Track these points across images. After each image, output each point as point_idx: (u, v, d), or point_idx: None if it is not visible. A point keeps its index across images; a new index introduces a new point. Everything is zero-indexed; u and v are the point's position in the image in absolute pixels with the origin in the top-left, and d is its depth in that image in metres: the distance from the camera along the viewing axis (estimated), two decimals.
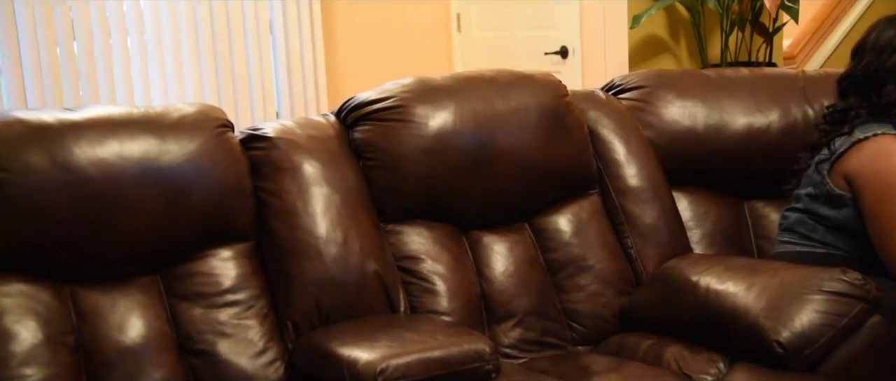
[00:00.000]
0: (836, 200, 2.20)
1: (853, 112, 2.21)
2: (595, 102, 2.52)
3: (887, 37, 2.18)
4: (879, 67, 2.17)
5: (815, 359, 1.92)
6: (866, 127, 2.18)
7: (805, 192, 2.27)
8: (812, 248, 2.24)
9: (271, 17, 4.26)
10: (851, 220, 2.18)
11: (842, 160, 2.18)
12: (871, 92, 2.19)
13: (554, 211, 2.38)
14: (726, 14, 3.75)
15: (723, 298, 2.04)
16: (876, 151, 2.14)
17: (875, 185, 2.12)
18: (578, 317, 2.30)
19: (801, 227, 2.27)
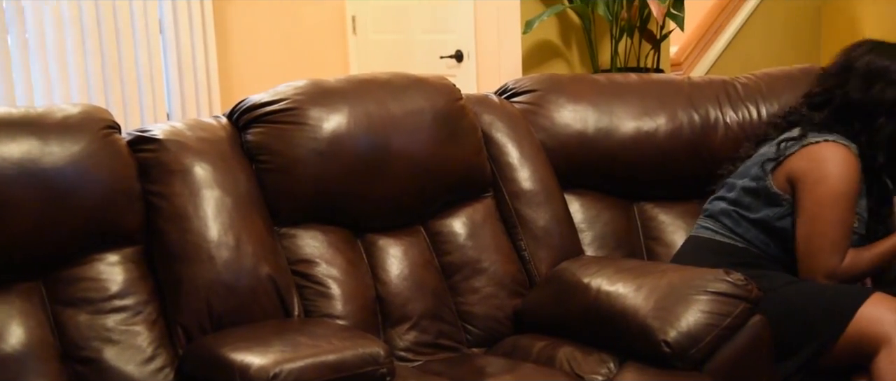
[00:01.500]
0: (772, 198, 2.25)
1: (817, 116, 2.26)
2: (489, 105, 2.54)
3: (881, 67, 2.20)
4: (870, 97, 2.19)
5: (701, 358, 1.97)
6: (818, 134, 2.23)
7: (741, 183, 2.31)
8: (733, 241, 2.30)
9: (161, 16, 4.16)
10: (778, 220, 2.25)
11: (789, 160, 2.24)
12: (855, 119, 2.21)
13: (449, 214, 2.39)
14: (616, 21, 3.83)
15: (613, 299, 2.08)
16: (824, 156, 2.20)
17: (816, 188, 2.18)
18: (473, 319, 2.31)
19: (725, 218, 2.32)
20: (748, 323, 2.01)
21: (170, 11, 4.16)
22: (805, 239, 2.20)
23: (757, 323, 2.02)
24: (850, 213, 2.18)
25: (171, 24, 4.17)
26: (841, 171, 2.17)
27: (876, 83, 2.19)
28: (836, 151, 2.18)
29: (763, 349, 2.05)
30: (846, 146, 2.19)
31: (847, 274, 2.20)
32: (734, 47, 4.50)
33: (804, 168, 2.20)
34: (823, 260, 2.18)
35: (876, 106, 2.18)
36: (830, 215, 2.17)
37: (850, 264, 2.19)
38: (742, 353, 2.01)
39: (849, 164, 2.17)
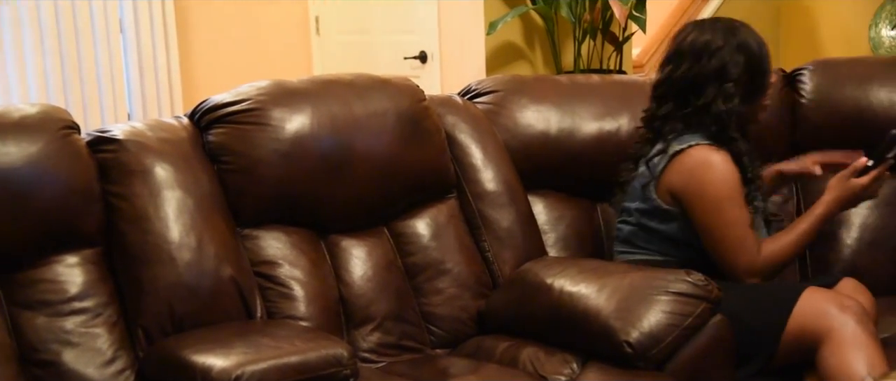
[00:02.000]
0: (664, 214, 2.27)
1: (668, 126, 2.27)
2: (452, 106, 2.54)
3: (703, 42, 2.23)
4: (699, 71, 2.22)
5: (662, 358, 1.99)
6: (681, 139, 2.24)
7: (634, 206, 2.33)
8: (650, 256, 2.31)
9: (122, 15, 4.12)
10: (681, 232, 2.26)
11: (664, 176, 2.25)
12: (690, 95, 2.24)
13: (412, 215, 2.39)
14: (578, 23, 3.85)
15: (576, 299, 2.09)
16: (694, 164, 2.21)
17: (700, 200, 2.20)
18: (436, 320, 2.31)
19: (636, 238, 2.33)
20: (709, 323, 2.03)
21: (130, 11, 4.12)
22: (712, 249, 2.22)
23: (717, 323, 2.04)
24: (741, 208, 2.19)
25: (132, 23, 4.13)
26: (715, 175, 2.18)
27: (701, 58, 2.21)
28: (703, 157, 2.20)
29: (723, 349, 2.07)
30: (709, 145, 2.21)
31: (769, 264, 2.21)
32: None
33: (680, 183, 2.22)
34: (737, 260, 2.19)
35: (705, 78, 2.21)
36: (722, 218, 2.18)
37: (770, 253, 2.20)
38: (703, 353, 2.02)
39: (720, 162, 2.19)
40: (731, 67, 2.20)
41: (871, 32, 3.96)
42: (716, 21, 2.31)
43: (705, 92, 2.22)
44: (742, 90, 2.23)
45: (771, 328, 2.10)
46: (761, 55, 2.24)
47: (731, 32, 2.24)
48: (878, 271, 2.56)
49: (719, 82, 2.21)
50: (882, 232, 2.59)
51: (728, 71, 2.20)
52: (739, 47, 2.21)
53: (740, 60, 2.21)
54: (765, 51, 2.26)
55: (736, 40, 2.22)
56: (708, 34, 2.24)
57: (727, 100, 2.21)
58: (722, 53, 2.21)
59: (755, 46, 2.23)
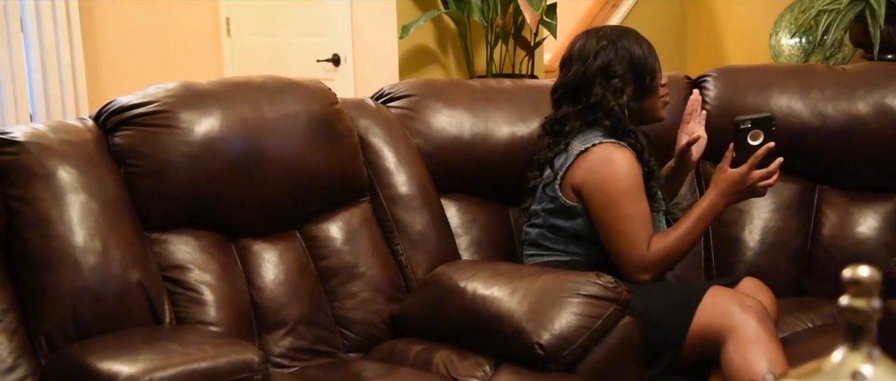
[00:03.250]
0: (569, 211, 2.31)
1: (568, 125, 2.33)
2: (365, 110, 2.54)
3: (589, 46, 2.33)
4: (586, 71, 2.31)
5: (573, 359, 2.01)
6: (582, 138, 2.30)
7: (541, 207, 2.37)
8: (557, 256, 2.35)
9: (23, 14, 4.00)
10: (585, 228, 2.31)
11: (568, 174, 2.30)
12: (582, 94, 2.32)
13: (325, 218, 2.37)
14: (491, 27, 3.87)
15: (488, 302, 2.10)
16: (596, 160, 2.26)
17: (600, 193, 2.25)
18: (350, 324, 2.30)
19: (543, 240, 2.37)
20: (618, 325, 2.06)
21: (32, 9, 4.00)
22: (607, 242, 2.27)
23: (626, 325, 2.07)
24: (639, 205, 2.24)
25: (34, 22, 4.01)
26: (616, 170, 2.24)
27: (587, 59, 2.31)
28: (606, 153, 2.26)
29: (632, 350, 2.10)
30: (611, 142, 2.27)
31: (658, 260, 2.25)
32: None
33: (581, 177, 2.28)
34: (628, 255, 2.24)
35: (592, 77, 2.30)
36: (619, 212, 2.23)
37: (659, 249, 2.24)
38: (613, 354, 2.05)
39: (621, 159, 2.24)
40: (614, 64, 2.29)
41: (772, 41, 4.08)
42: (604, 28, 2.42)
43: (594, 90, 2.30)
44: (631, 87, 2.31)
45: (676, 327, 2.14)
46: (645, 55, 2.33)
47: (616, 36, 2.34)
48: (779, 273, 2.63)
49: (606, 79, 2.29)
50: (782, 235, 2.66)
51: (612, 68, 2.29)
52: (622, 48, 2.31)
53: (624, 58, 2.30)
54: (650, 52, 2.35)
55: (620, 43, 2.32)
56: (594, 39, 2.34)
57: (617, 95, 2.29)
58: (605, 52, 2.30)
59: (637, 45, 2.33)
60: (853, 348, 0.73)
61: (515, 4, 3.82)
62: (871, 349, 0.72)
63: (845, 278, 0.72)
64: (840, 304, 0.72)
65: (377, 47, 4.03)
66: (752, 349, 2.05)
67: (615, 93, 2.29)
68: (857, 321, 0.72)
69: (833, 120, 2.63)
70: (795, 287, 2.65)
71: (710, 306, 2.13)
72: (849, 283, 0.72)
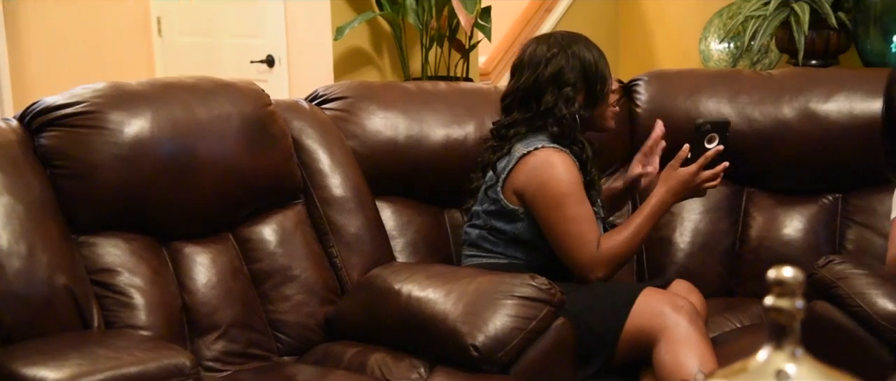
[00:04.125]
0: (510, 215, 2.32)
1: (513, 130, 2.35)
2: (299, 111, 2.52)
3: (540, 53, 2.34)
4: (537, 78, 2.32)
5: (508, 360, 2.02)
6: (526, 142, 2.32)
7: (483, 208, 2.37)
8: (496, 259, 2.35)
9: None
10: (526, 232, 2.32)
11: (509, 177, 2.31)
12: (532, 102, 2.33)
13: (258, 221, 2.35)
14: (425, 30, 3.88)
15: (424, 304, 2.10)
16: (538, 163, 2.28)
17: (543, 197, 2.27)
18: (284, 327, 2.29)
19: (483, 242, 2.38)
20: (552, 326, 2.08)
21: None
22: (556, 246, 2.29)
23: (560, 326, 2.09)
24: (583, 205, 2.26)
25: None
26: (556, 173, 2.26)
27: (539, 66, 2.33)
28: (546, 157, 2.28)
29: (565, 351, 2.12)
30: (553, 147, 2.29)
31: (610, 257, 2.27)
32: None
33: (523, 181, 2.29)
34: (579, 256, 2.26)
35: (544, 84, 2.31)
36: (564, 215, 2.25)
37: (608, 248, 2.26)
38: (546, 355, 2.07)
39: (562, 163, 2.27)
40: (566, 71, 2.30)
41: (702, 46, 4.15)
42: (554, 34, 2.42)
43: (545, 97, 2.31)
44: (582, 95, 2.33)
45: (610, 328, 2.17)
46: (597, 62, 2.34)
47: (567, 43, 2.35)
48: (708, 274, 2.68)
49: (557, 87, 2.30)
50: (712, 237, 2.71)
51: (564, 76, 2.30)
52: (574, 54, 2.32)
53: (576, 65, 2.31)
54: (601, 58, 2.36)
55: (571, 50, 2.33)
56: (544, 46, 2.35)
57: (568, 103, 2.30)
58: (557, 59, 2.31)
59: (590, 55, 2.34)
60: (778, 347, 0.74)
61: (450, 7, 3.83)
62: (794, 349, 0.74)
63: (770, 278, 0.74)
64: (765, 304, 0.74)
65: (312, 49, 4.00)
66: (683, 349, 2.09)
67: (567, 101, 2.30)
68: (781, 321, 0.74)
69: (760, 124, 2.69)
70: (724, 288, 2.70)
71: (643, 307, 2.16)
72: (773, 284, 0.73)
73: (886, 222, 2.57)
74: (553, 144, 2.30)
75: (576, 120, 2.31)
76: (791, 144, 2.66)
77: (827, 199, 2.70)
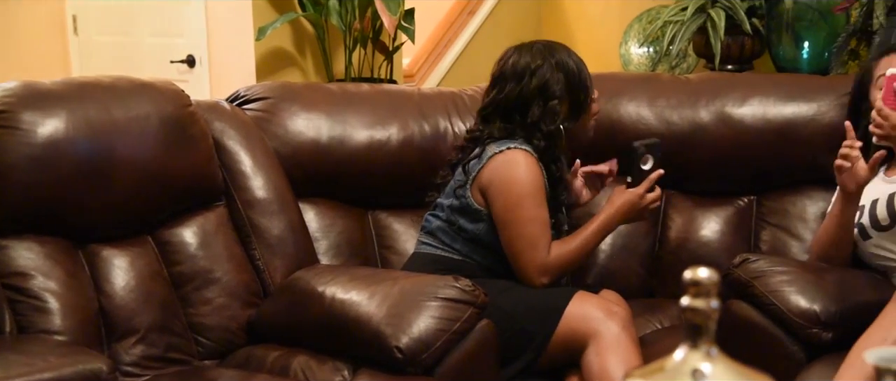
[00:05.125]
0: (474, 213, 2.34)
1: (487, 132, 2.35)
2: (220, 112, 2.49)
3: (524, 63, 2.33)
4: (522, 91, 2.32)
5: (432, 362, 2.02)
6: (500, 143, 2.33)
7: (447, 202, 2.38)
8: (451, 254, 2.37)
9: None
10: (486, 234, 2.33)
11: (477, 177, 2.32)
12: (516, 114, 2.34)
13: (179, 223, 2.32)
14: (349, 31, 3.86)
15: (347, 307, 2.10)
16: (504, 161, 2.29)
17: (504, 194, 2.29)
18: (205, 331, 2.26)
19: (441, 234, 2.39)
20: (476, 327, 2.09)
21: None
22: (508, 245, 2.31)
23: (484, 327, 2.10)
24: (541, 209, 2.29)
25: None
26: (520, 172, 2.28)
27: (523, 78, 2.33)
28: (513, 156, 2.30)
29: (489, 352, 2.14)
30: (523, 150, 2.30)
31: (557, 265, 2.31)
32: (463, 60, 4.67)
33: (489, 179, 2.31)
34: (528, 259, 2.28)
35: (528, 97, 2.32)
36: (521, 215, 2.27)
37: (557, 255, 2.30)
38: (470, 356, 2.08)
39: (527, 165, 2.29)
40: (552, 84, 2.31)
41: (622, 50, 4.22)
42: (534, 44, 2.40)
43: (531, 111, 2.31)
44: (567, 108, 2.34)
45: (542, 329, 2.19)
46: (580, 72, 2.36)
47: (550, 52, 2.35)
48: (629, 275, 2.72)
49: (543, 100, 2.31)
50: (632, 239, 2.74)
51: (550, 88, 2.31)
52: (558, 65, 2.33)
53: (561, 78, 2.32)
54: (583, 68, 2.38)
55: (554, 59, 2.33)
56: (527, 56, 2.34)
57: (553, 118, 2.31)
58: (542, 71, 2.32)
59: (573, 64, 2.35)
60: (693, 346, 0.76)
61: (373, 9, 3.82)
62: (710, 348, 0.76)
63: (685, 279, 0.75)
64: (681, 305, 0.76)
65: (233, 49, 3.96)
66: (612, 354, 2.12)
67: (553, 116, 2.31)
68: (697, 321, 0.75)
69: (678, 127, 2.74)
70: (645, 289, 2.74)
71: (576, 311, 2.18)
72: (689, 284, 0.75)
73: (799, 223, 2.64)
74: (525, 145, 2.31)
75: (561, 133, 2.33)
76: (708, 147, 2.71)
77: (742, 201, 2.76)
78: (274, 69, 3.94)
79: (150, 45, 4.24)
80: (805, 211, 2.65)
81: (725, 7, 3.60)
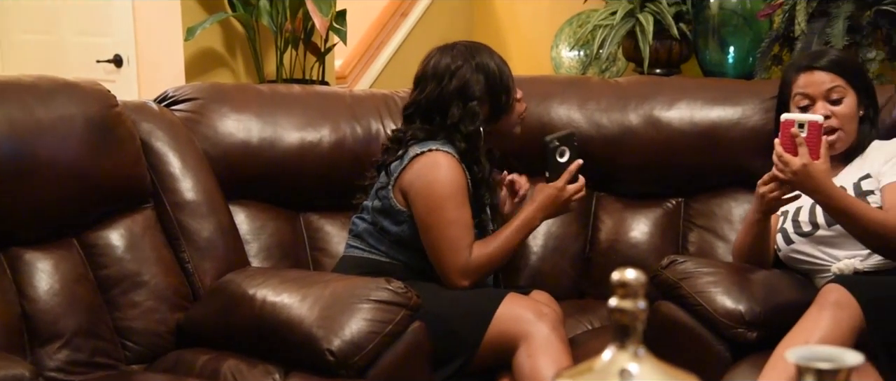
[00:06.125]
0: (397, 215, 2.33)
1: (410, 133, 2.35)
2: (147, 113, 2.46)
3: (444, 65, 2.33)
4: (441, 92, 2.32)
5: (364, 365, 2.01)
6: (422, 144, 2.32)
7: (372, 204, 2.38)
8: (378, 257, 2.36)
9: None
10: (410, 235, 2.33)
11: (400, 177, 2.32)
12: (437, 115, 2.34)
13: (105, 226, 2.28)
14: (280, 32, 3.84)
15: (279, 310, 2.08)
16: (425, 163, 2.29)
17: (424, 197, 2.28)
18: (132, 335, 2.22)
19: (368, 236, 2.38)
20: (408, 330, 2.08)
21: None
22: (430, 246, 2.31)
23: (416, 330, 2.10)
24: (462, 210, 2.29)
25: None
26: (441, 174, 2.28)
27: (444, 80, 2.34)
28: (434, 158, 2.29)
29: (421, 354, 2.14)
30: (445, 151, 2.30)
31: (478, 266, 2.30)
32: (396, 62, 4.67)
33: (410, 181, 2.31)
34: (450, 260, 2.28)
35: (449, 98, 2.33)
36: (443, 217, 2.27)
37: (479, 256, 2.29)
38: (402, 359, 2.08)
39: (449, 166, 2.29)
40: (472, 85, 2.31)
41: (553, 53, 4.26)
42: (456, 45, 2.40)
43: (451, 112, 2.31)
44: (487, 109, 2.34)
45: (473, 331, 2.19)
46: (501, 73, 2.36)
47: (471, 54, 2.35)
48: (561, 276, 2.75)
49: (462, 101, 2.31)
50: (563, 240, 2.77)
51: (469, 89, 2.31)
52: (478, 66, 2.33)
53: (481, 79, 2.32)
54: (505, 69, 2.38)
55: (475, 61, 2.34)
56: (448, 57, 2.35)
57: (473, 119, 2.31)
58: (462, 72, 2.32)
59: (494, 65, 2.36)
60: (621, 347, 0.77)
61: (305, 10, 3.80)
62: (637, 348, 0.77)
63: (613, 281, 0.76)
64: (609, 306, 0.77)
65: (162, 49, 3.90)
66: (542, 355, 2.13)
67: (472, 116, 2.31)
68: (624, 322, 0.76)
69: (608, 130, 2.77)
70: (576, 290, 2.77)
71: (507, 313, 2.18)
72: (616, 285, 0.76)
73: (725, 224, 2.70)
74: (446, 147, 2.31)
75: (480, 134, 2.32)
76: (637, 149, 2.75)
77: (671, 203, 2.80)
78: (204, 70, 3.89)
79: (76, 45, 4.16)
80: (731, 213, 2.71)
81: (654, 12, 3.66)
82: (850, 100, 2.32)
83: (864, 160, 2.34)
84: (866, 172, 2.30)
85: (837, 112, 2.31)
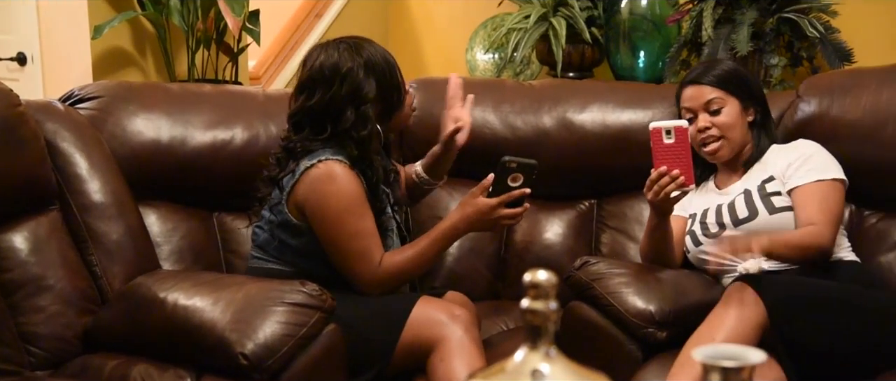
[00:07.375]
0: (294, 229, 2.27)
1: (300, 144, 2.26)
2: (52, 113, 2.40)
3: (332, 66, 2.24)
4: (332, 98, 2.23)
5: (278, 368, 1.99)
6: (311, 155, 2.24)
7: (269, 216, 2.31)
8: (283, 267, 2.30)
9: None
10: (310, 245, 2.27)
11: (292, 192, 2.25)
12: (328, 121, 2.25)
13: (8, 228, 2.22)
14: (191, 32, 3.77)
15: (190, 313, 2.05)
16: (318, 175, 2.22)
17: (322, 212, 2.22)
18: (37, 340, 2.16)
19: (269, 247, 2.32)
20: (323, 332, 2.07)
21: None
22: (336, 260, 2.25)
23: (331, 332, 2.09)
24: (363, 220, 2.23)
25: None
26: (335, 187, 2.21)
27: (333, 84, 2.25)
28: (326, 170, 2.22)
29: (337, 358, 2.12)
30: (336, 160, 2.23)
31: (390, 275, 2.25)
32: None
33: (304, 196, 2.23)
34: (359, 271, 2.24)
35: (341, 103, 2.24)
36: (344, 231, 2.22)
37: (390, 264, 2.25)
38: (317, 362, 2.06)
39: (342, 177, 2.22)
40: (364, 88, 2.23)
41: (468, 55, 4.28)
42: (340, 41, 2.30)
43: (344, 117, 2.24)
44: (379, 109, 2.28)
45: (387, 337, 2.16)
46: (390, 69, 2.29)
47: (356, 51, 2.26)
48: (476, 278, 2.76)
49: (355, 106, 2.24)
50: (479, 241, 2.79)
51: (362, 93, 2.24)
52: (367, 65, 2.24)
53: (371, 80, 2.24)
54: (392, 62, 2.30)
55: (362, 59, 2.25)
56: (334, 56, 2.25)
57: (366, 123, 2.24)
58: (353, 76, 2.23)
59: (382, 62, 2.27)
60: (533, 347, 0.78)
61: (217, 9, 3.74)
62: (549, 348, 0.78)
63: (525, 282, 0.77)
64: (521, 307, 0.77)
65: (68, 47, 3.80)
66: (456, 358, 2.12)
67: (365, 121, 2.23)
68: (536, 322, 0.77)
69: (522, 132, 2.80)
70: (491, 291, 2.79)
71: (420, 317, 2.16)
72: (528, 287, 0.77)
73: (636, 226, 2.75)
74: (336, 156, 2.23)
75: (373, 136, 2.26)
76: (551, 152, 2.78)
77: (584, 205, 2.85)
78: (112, 69, 3.80)
79: None
80: (642, 214, 2.76)
81: (566, 16, 3.71)
82: (730, 109, 2.41)
83: (764, 164, 2.42)
84: (769, 175, 2.37)
85: (717, 122, 2.41)
